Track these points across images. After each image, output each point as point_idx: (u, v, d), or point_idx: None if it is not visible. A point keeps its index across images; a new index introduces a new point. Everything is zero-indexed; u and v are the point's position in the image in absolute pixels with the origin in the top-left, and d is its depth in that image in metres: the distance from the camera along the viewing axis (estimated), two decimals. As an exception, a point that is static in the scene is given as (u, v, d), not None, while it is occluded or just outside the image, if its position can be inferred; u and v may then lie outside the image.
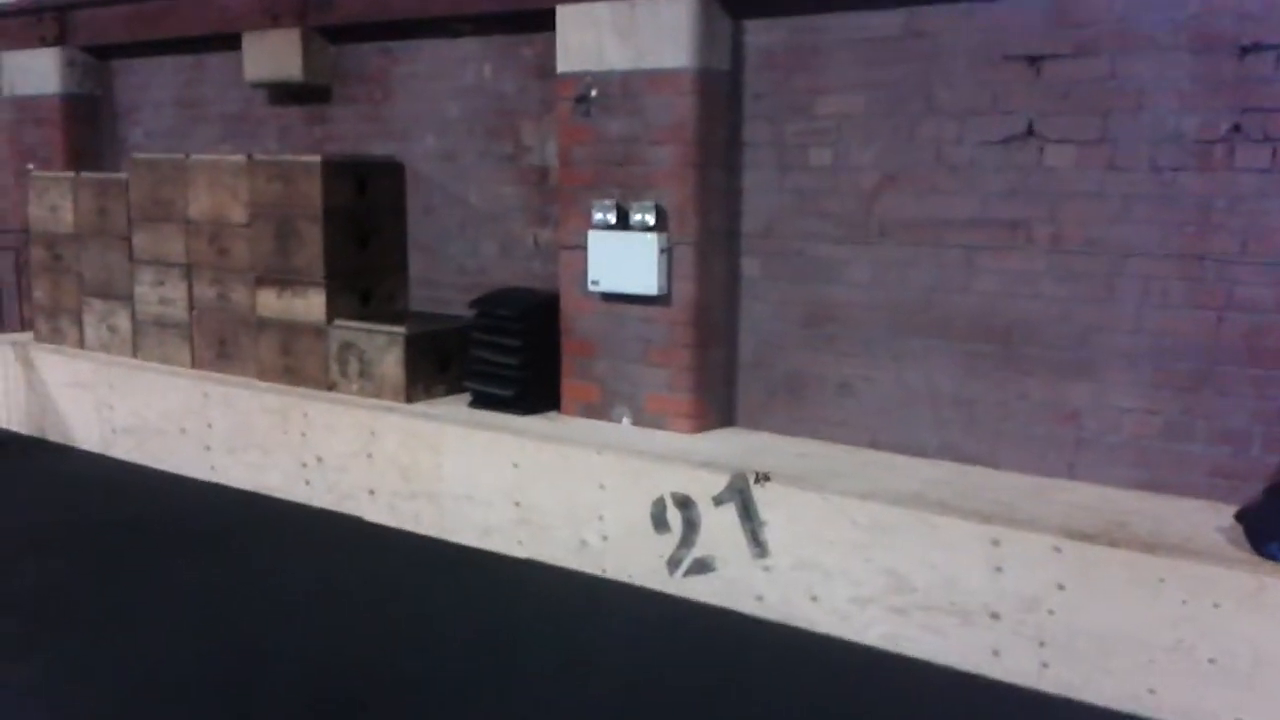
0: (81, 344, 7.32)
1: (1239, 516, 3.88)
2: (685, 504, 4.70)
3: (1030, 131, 4.51)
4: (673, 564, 4.75)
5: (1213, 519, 4.04)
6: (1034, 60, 4.48)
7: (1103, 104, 4.35)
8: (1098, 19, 4.34)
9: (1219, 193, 4.18)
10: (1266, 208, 4.10)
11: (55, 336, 7.49)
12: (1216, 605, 3.63)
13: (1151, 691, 3.75)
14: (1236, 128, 4.13)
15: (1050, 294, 4.54)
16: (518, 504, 5.23)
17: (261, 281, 6.31)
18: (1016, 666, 4.00)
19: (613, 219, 5.26)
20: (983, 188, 4.63)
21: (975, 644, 4.08)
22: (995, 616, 4.03)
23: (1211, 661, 3.64)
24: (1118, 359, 4.42)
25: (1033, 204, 4.53)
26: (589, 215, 5.34)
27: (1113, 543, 3.84)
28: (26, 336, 7.79)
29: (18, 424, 7.56)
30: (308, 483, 6.00)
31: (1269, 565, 3.63)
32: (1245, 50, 4.09)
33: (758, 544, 4.53)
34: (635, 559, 4.88)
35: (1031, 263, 4.57)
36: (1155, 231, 4.30)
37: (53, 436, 7.31)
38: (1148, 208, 4.31)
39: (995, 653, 4.04)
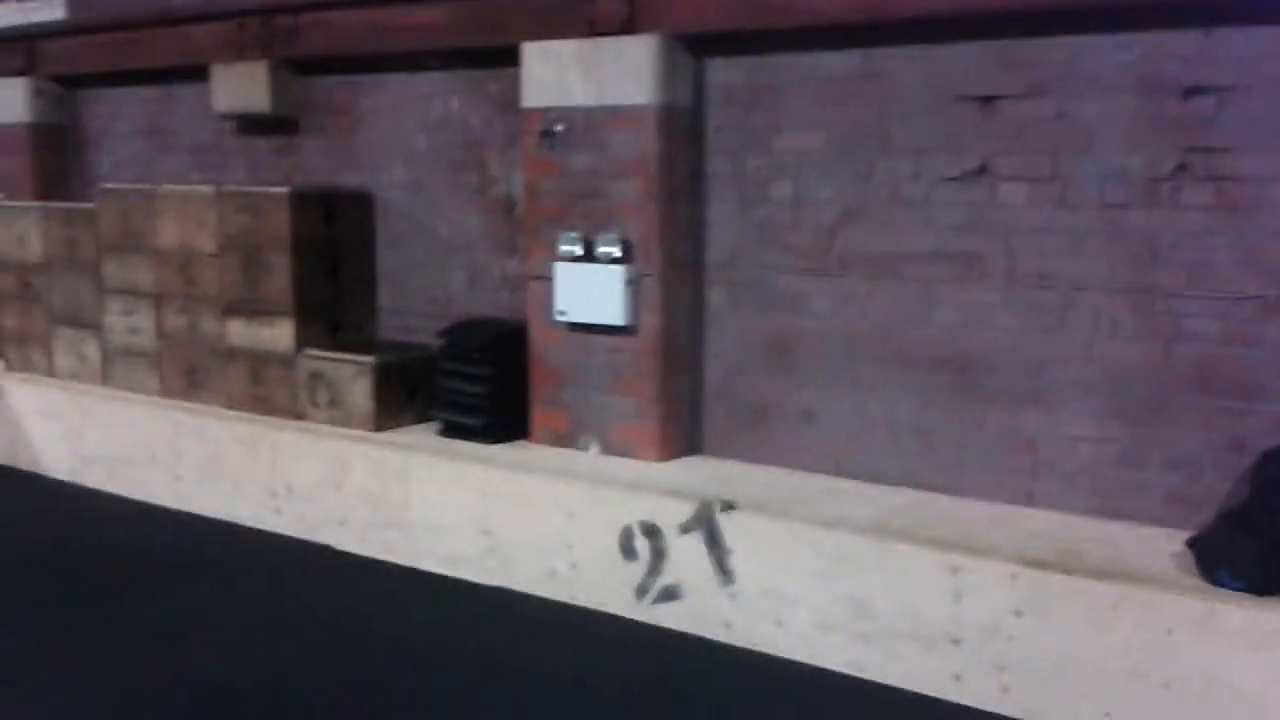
0: (51, 372, 7.32)
1: (1190, 544, 4.01)
2: (653, 532, 4.78)
3: (983, 169, 4.65)
4: (641, 591, 4.83)
5: (1166, 546, 4.16)
6: (986, 101, 4.62)
7: (1053, 143, 4.50)
8: (1046, 61, 4.49)
9: (1166, 229, 4.33)
10: (1211, 243, 4.25)
11: (25, 365, 7.49)
12: (1169, 631, 3.75)
13: (1108, 715, 3.87)
14: (1181, 166, 4.28)
15: (1005, 325, 4.67)
16: (487, 532, 5.29)
17: (230, 311, 6.34)
18: (977, 691, 4.10)
19: (579, 250, 5.35)
20: (939, 223, 4.77)
21: (936, 669, 4.18)
22: (956, 642, 4.14)
23: (1165, 686, 3.76)
24: (1072, 389, 4.56)
25: (987, 239, 4.67)
26: (555, 247, 5.43)
27: (1068, 570, 3.96)
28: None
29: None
30: (278, 512, 6.04)
31: (1219, 592, 3.76)
32: (1189, 92, 4.25)
33: (724, 571, 4.62)
34: (603, 587, 4.95)
35: (987, 295, 4.70)
36: (1105, 265, 4.45)
37: (23, 465, 7.28)
38: (1097, 243, 4.45)
39: (956, 677, 4.14)
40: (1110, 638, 3.84)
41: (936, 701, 4.15)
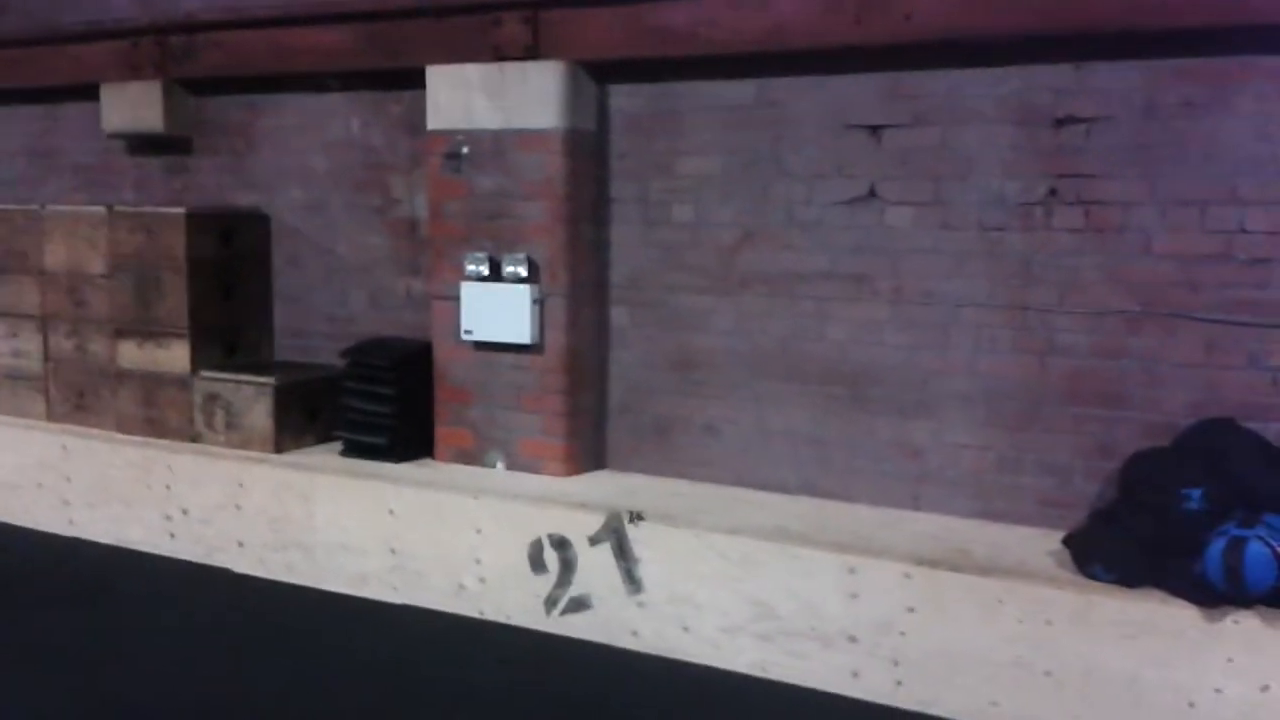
0: (-76, 398, 7.05)
1: (1066, 541, 4.31)
2: (561, 544, 4.89)
3: (872, 193, 4.92)
4: (550, 603, 4.93)
5: (1043, 544, 4.45)
6: (874, 129, 4.90)
7: (936, 169, 4.80)
8: (930, 93, 4.79)
9: (1039, 249, 4.65)
10: (1080, 263, 4.59)
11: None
12: (1049, 622, 4.02)
13: (995, 704, 4.12)
14: (1053, 191, 4.62)
15: (893, 341, 4.94)
16: (394, 550, 5.32)
17: (122, 333, 6.24)
18: (874, 686, 4.32)
19: (485, 271, 5.45)
20: (831, 244, 5.02)
21: (835, 666, 4.38)
22: (853, 639, 4.35)
23: (1047, 674, 4.03)
24: (954, 400, 4.84)
25: (876, 259, 4.94)
26: (461, 267, 5.51)
27: (955, 568, 4.21)
28: None
29: None
30: (172, 535, 5.94)
31: (1094, 585, 4.05)
32: (1060, 122, 4.59)
33: (632, 580, 4.76)
34: (513, 600, 5.03)
35: (876, 312, 4.96)
36: (984, 284, 4.75)
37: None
38: (977, 263, 4.76)
39: (854, 674, 4.35)
40: (996, 630, 4.09)
41: (836, 697, 4.35)
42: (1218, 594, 3.78)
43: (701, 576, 4.62)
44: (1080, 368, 4.62)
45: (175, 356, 6.10)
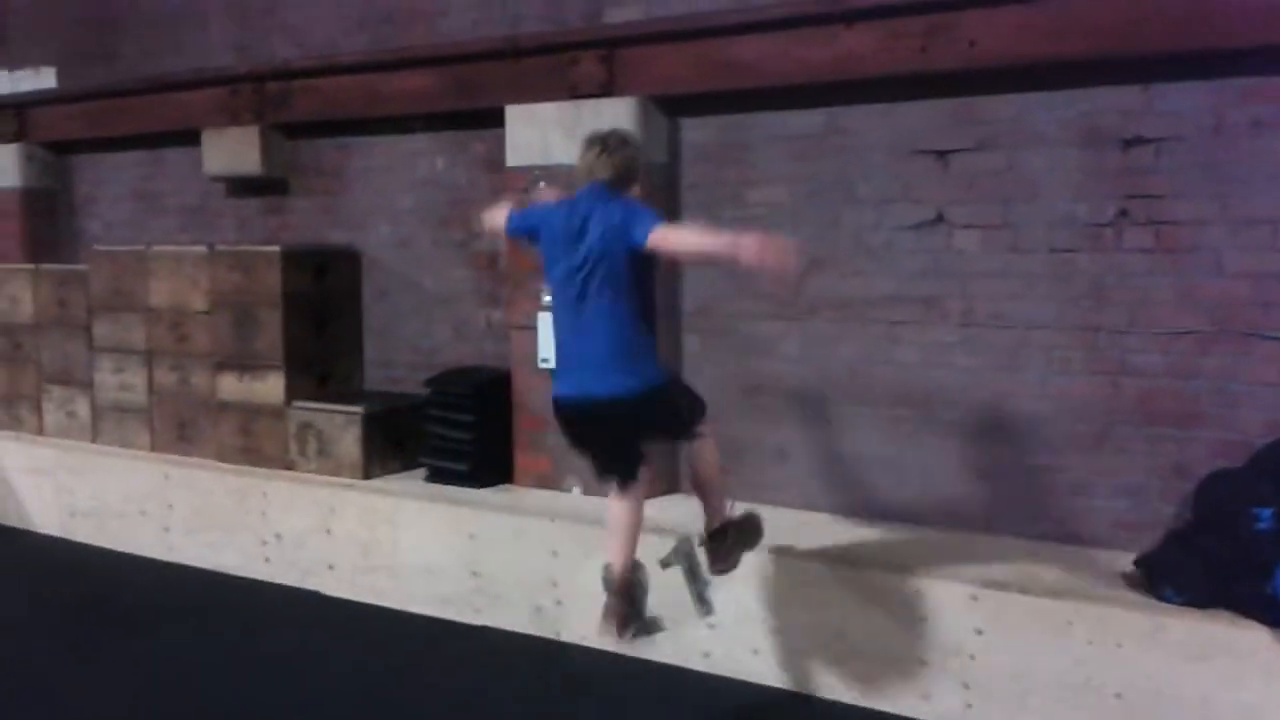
0: (41, 430, 7.47)
1: (1138, 563, 4.27)
2: (635, 568, 4.98)
3: (940, 218, 4.97)
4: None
5: (1115, 566, 4.41)
6: (941, 154, 4.95)
7: (1003, 193, 4.83)
8: (996, 117, 4.83)
9: (1109, 271, 4.64)
10: (1151, 284, 4.57)
11: (13, 424, 7.63)
12: (1119, 645, 4.00)
13: (1065, 727, 4.10)
14: (1123, 212, 4.61)
15: (963, 364, 4.96)
16: (475, 573, 5.48)
17: (222, 366, 6.55)
18: (944, 709, 4.32)
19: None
20: (899, 269, 5.07)
21: (906, 688, 4.39)
22: (923, 663, 4.36)
23: (1118, 696, 4.00)
24: (1026, 422, 4.84)
25: (944, 283, 4.97)
26: (538, 298, 5.68)
27: (1024, 590, 4.21)
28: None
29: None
30: (267, 560, 6.20)
31: (1165, 607, 4.01)
32: (1128, 143, 4.59)
33: (703, 603, 4.81)
34: (588, 622, 5.12)
35: (945, 335, 4.99)
36: (1054, 306, 4.75)
37: (11, 521, 7.40)
38: (1047, 285, 4.76)
39: (925, 696, 4.36)
40: (1065, 652, 4.07)
41: (906, 719, 4.36)
42: (1291, 615, 3.72)
43: (771, 600, 4.67)
44: (1153, 388, 4.58)
45: (271, 388, 6.38)
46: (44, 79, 8.23)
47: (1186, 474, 4.45)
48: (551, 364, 5.62)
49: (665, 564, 4.88)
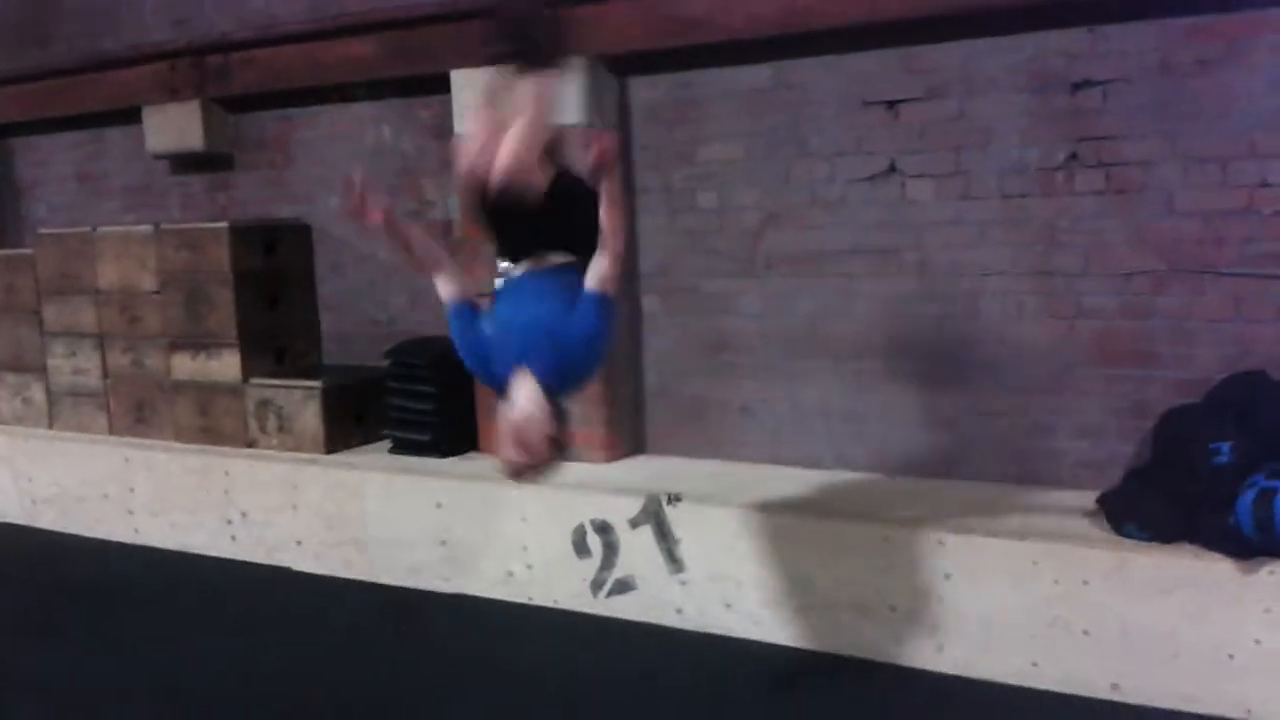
0: (-6, 419, 7.35)
1: (1100, 501, 4.33)
2: (604, 529, 5.01)
3: (893, 168, 4.97)
4: (595, 586, 5.05)
5: (1078, 506, 4.47)
6: (892, 104, 4.95)
7: (954, 141, 4.84)
8: (945, 65, 4.83)
9: (1062, 214, 4.68)
10: (1104, 225, 4.60)
11: (-32, 413, 7.49)
12: (1085, 582, 4.06)
13: (1035, 665, 4.17)
14: (1074, 155, 4.64)
15: (921, 313, 4.99)
16: (443, 542, 5.47)
17: (175, 346, 6.45)
18: (915, 652, 4.38)
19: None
20: (855, 221, 5.08)
21: (876, 635, 4.45)
22: (893, 609, 4.41)
23: (1085, 633, 4.07)
24: (985, 368, 4.88)
25: (900, 234, 4.99)
26: (494, 265, 5.62)
27: (990, 533, 4.27)
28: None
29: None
30: (233, 539, 6.15)
31: (1129, 544, 4.08)
32: (1076, 86, 4.60)
33: (674, 560, 4.86)
34: (560, 585, 5.16)
35: (903, 286, 5.01)
36: (1009, 252, 4.78)
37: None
38: (1000, 231, 4.79)
39: (896, 641, 4.41)
40: (1033, 593, 4.14)
41: (878, 664, 4.42)
42: (1251, 546, 3.79)
43: (740, 553, 4.71)
44: (1109, 329, 4.63)
45: (227, 366, 6.30)
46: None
47: (1145, 412, 4.51)
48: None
49: (635, 524, 4.93)
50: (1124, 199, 4.56)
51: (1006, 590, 4.19)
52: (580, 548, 5.07)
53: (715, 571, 4.78)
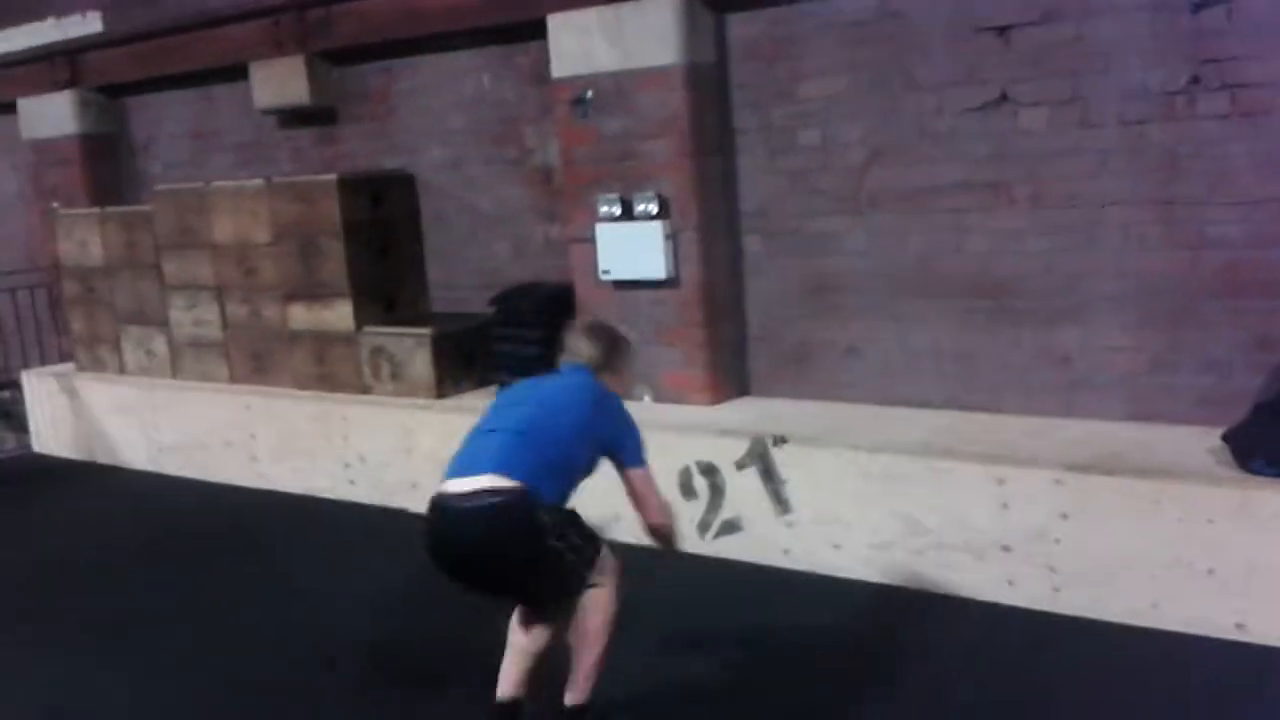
0: (122, 370, 7.67)
1: (1225, 437, 4.18)
2: (710, 471, 5.03)
3: (1004, 97, 4.81)
4: (702, 527, 5.08)
5: (1201, 442, 4.33)
6: (1003, 30, 4.77)
7: (1071, 66, 4.65)
8: (1059, -13, 4.63)
9: (1184, 140, 4.48)
10: (1228, 151, 4.40)
11: (95, 365, 7.84)
12: (1210, 520, 3.94)
13: (1155, 606, 4.07)
14: (1195, 79, 4.42)
15: (1035, 248, 4.84)
16: (553, 486, 5.54)
17: (290, 297, 6.63)
18: (1031, 593, 4.31)
19: (618, 211, 5.57)
20: (964, 154, 4.94)
21: (990, 576, 4.39)
22: (1006, 549, 4.35)
23: (1209, 573, 3.96)
24: (1103, 302, 4.73)
25: (1012, 166, 4.83)
26: (595, 209, 5.65)
27: (1109, 471, 4.16)
28: (68, 367, 8.13)
29: (67, 450, 7.93)
30: (352, 482, 6.34)
31: (1255, 480, 3.94)
32: (1198, 6, 4.38)
33: (780, 501, 4.86)
34: (667, 527, 5.19)
35: (1016, 220, 4.87)
36: (1128, 181, 4.60)
37: (101, 459, 7.66)
38: (1120, 160, 4.61)
39: (1010, 582, 4.35)
40: (1154, 531, 4.03)
41: (993, 605, 4.36)
42: (1387, 482, 3.63)
43: (848, 494, 4.68)
44: (1234, 259, 4.44)
45: (340, 315, 6.46)
46: (90, 24, 8.24)
47: (1272, 345, 4.33)
48: (613, 274, 5.64)
49: (741, 465, 4.93)
50: (1250, 123, 4.34)
51: (1127, 530, 4.08)
52: (686, 489, 5.10)
53: (823, 512, 4.76)
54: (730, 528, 5.02)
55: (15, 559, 5.95)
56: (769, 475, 4.87)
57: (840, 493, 4.71)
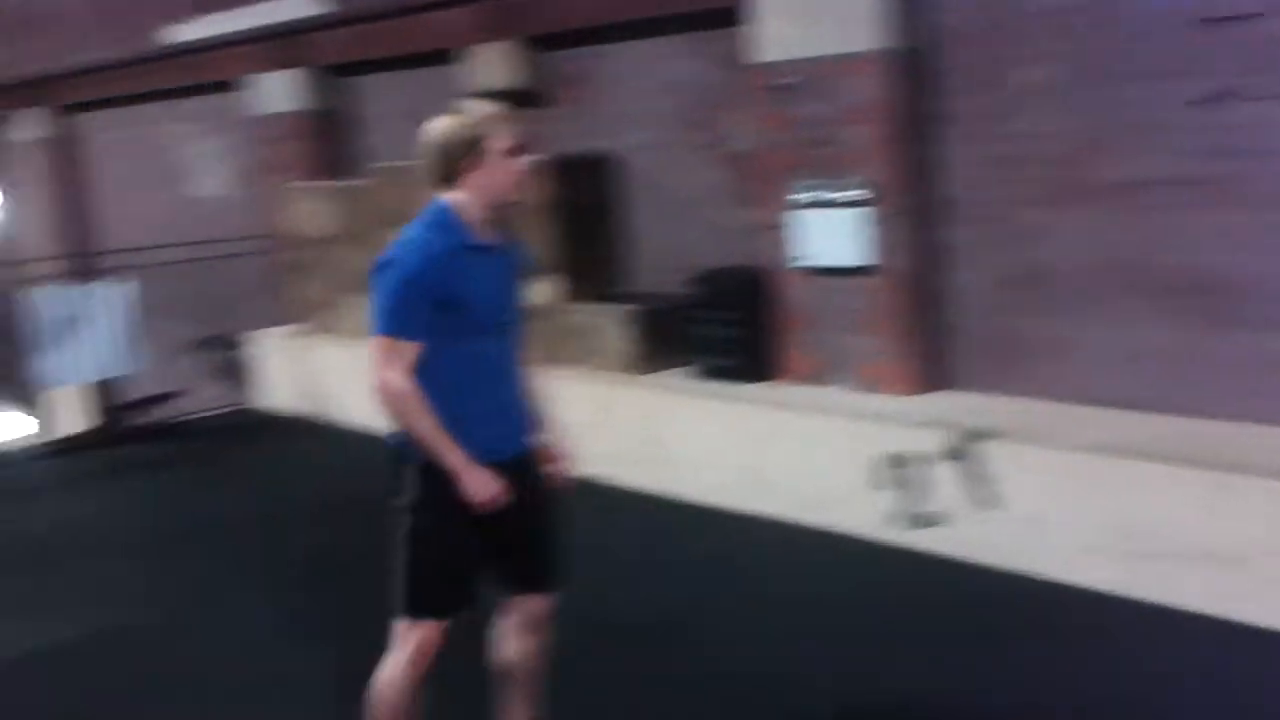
0: (342, 332, 8.19)
1: None
2: (908, 462, 5.07)
3: (1228, 90, 4.61)
4: (897, 518, 5.14)
5: None
6: (1227, 21, 4.56)
7: (1303, 59, 4.42)
8: (1293, -25, 4.39)
9: None
10: None
11: (318, 327, 8.40)
12: None
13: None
14: None
15: (1260, 246, 4.65)
16: (744, 465, 5.70)
17: (497, 273, 6.95)
18: (1255, 607, 4.14)
19: (814, 197, 5.61)
20: (1184, 148, 4.76)
21: (1207, 587, 4.25)
22: (1223, 560, 4.21)
23: None
24: (1333, 305, 4.51)
25: (1234, 161, 4.63)
26: (790, 195, 5.70)
27: (1331, 484, 3.99)
28: (292, 329, 8.75)
29: (290, 405, 8.58)
30: (553, 454, 6.63)
31: None
32: None
33: (980, 497, 4.86)
34: (858, 514, 5.27)
35: (1236, 218, 4.68)
36: (1365, 179, 4.36)
37: (322, 415, 8.23)
38: (1356, 156, 4.37)
39: (1229, 596, 4.20)
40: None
41: (1208, 619, 4.22)
42: None
43: (1054, 494, 4.64)
44: None
45: (544, 291, 6.74)
46: (307, 6, 8.72)
47: None
48: (806, 260, 5.70)
49: (942, 458, 4.95)
50: None
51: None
52: (883, 479, 5.16)
53: (1027, 511, 4.72)
54: (926, 520, 5.05)
55: (241, 502, 6.62)
56: (971, 469, 4.86)
57: (1045, 492, 4.65)
